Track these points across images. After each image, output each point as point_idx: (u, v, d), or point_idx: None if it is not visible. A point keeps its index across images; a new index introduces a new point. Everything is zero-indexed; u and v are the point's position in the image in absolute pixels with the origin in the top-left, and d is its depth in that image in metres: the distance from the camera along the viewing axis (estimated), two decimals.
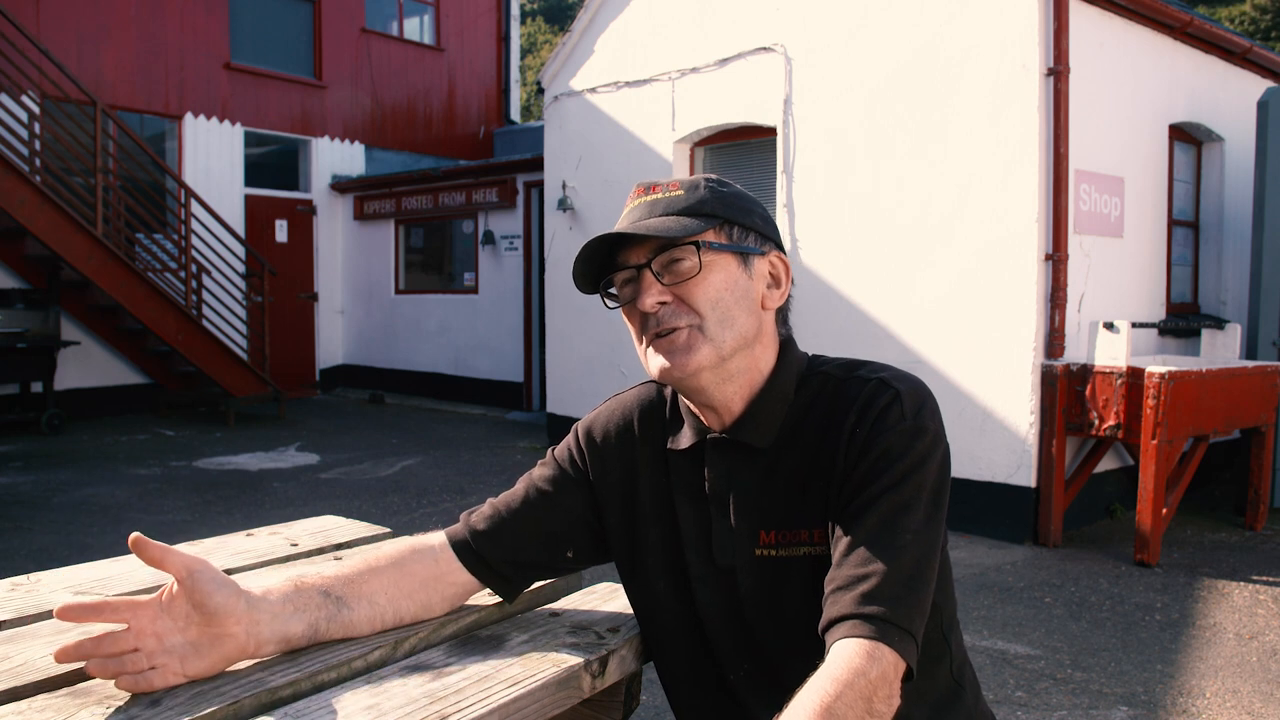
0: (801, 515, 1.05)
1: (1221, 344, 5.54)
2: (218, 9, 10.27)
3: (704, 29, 6.46)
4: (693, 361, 1.03)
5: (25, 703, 0.91)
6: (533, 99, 21.90)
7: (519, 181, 9.61)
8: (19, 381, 8.34)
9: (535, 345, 9.48)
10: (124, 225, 8.52)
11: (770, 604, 1.06)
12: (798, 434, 1.07)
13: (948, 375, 5.23)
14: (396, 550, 1.15)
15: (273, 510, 5.47)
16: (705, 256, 1.03)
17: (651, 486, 1.15)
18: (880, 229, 5.53)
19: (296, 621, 1.02)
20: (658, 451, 1.16)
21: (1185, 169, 6.37)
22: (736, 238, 1.06)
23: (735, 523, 1.07)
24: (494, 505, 1.19)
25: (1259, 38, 23.00)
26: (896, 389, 1.03)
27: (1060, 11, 4.90)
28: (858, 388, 1.05)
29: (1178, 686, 3.18)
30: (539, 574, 1.23)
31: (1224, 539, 5.07)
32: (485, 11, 13.09)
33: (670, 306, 1.04)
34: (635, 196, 1.09)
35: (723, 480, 1.09)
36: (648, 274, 1.05)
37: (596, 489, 1.19)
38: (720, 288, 1.04)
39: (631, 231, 1.03)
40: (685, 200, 1.05)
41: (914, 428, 1.01)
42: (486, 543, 1.16)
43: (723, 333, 1.03)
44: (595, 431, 1.20)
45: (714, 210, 1.05)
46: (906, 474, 0.99)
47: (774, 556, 1.06)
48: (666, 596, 1.14)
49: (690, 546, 1.11)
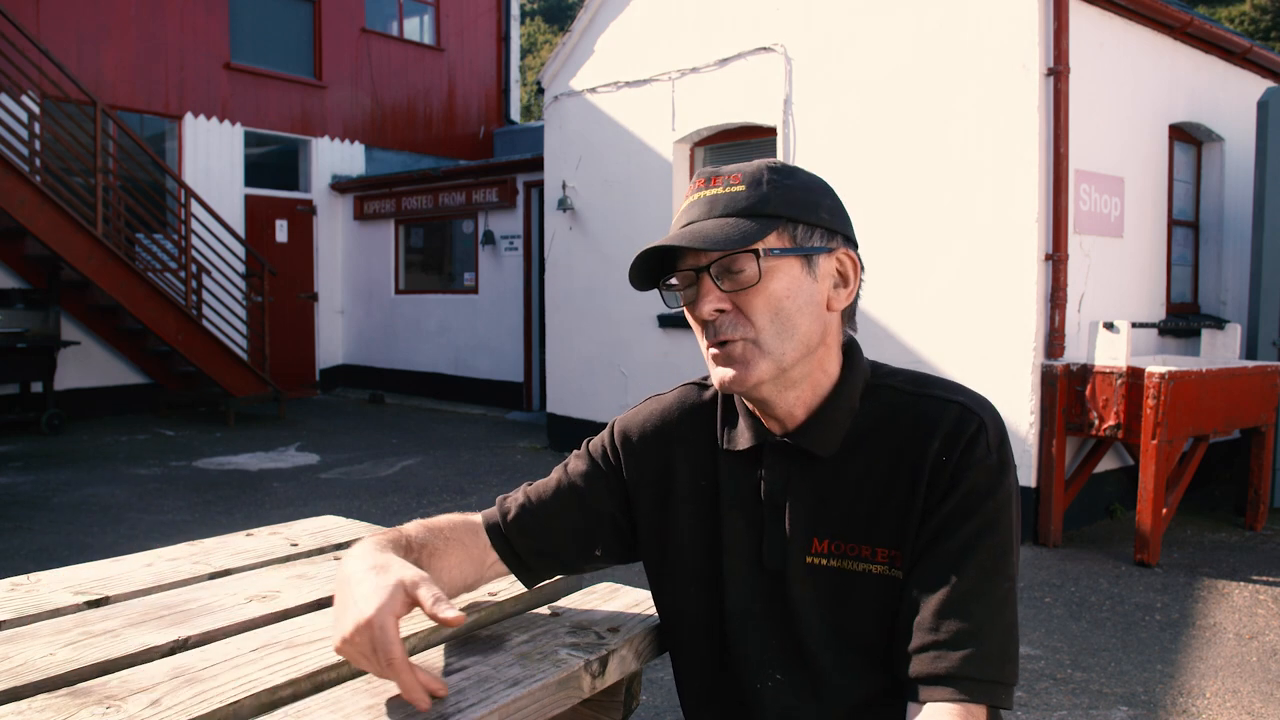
0: (864, 530, 1.02)
1: (1221, 344, 5.54)
2: (218, 9, 10.27)
3: (704, 29, 6.46)
4: (751, 376, 1.00)
5: (25, 703, 0.91)
6: (533, 99, 21.90)
7: (519, 181, 9.61)
8: (19, 381, 8.34)
9: (535, 345, 9.48)
10: (124, 225, 8.52)
11: (827, 614, 1.03)
12: (862, 445, 1.04)
13: (948, 375, 5.22)
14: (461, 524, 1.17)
15: (273, 510, 5.47)
16: (765, 263, 0.98)
17: (693, 489, 1.13)
18: (880, 229, 5.52)
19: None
20: (703, 452, 1.13)
21: (1185, 169, 6.37)
22: (801, 238, 1.01)
23: (790, 528, 1.05)
24: (527, 494, 1.20)
25: (1259, 38, 23.00)
26: (981, 418, 1.00)
27: (1060, 11, 4.90)
28: (938, 410, 1.01)
29: (1178, 686, 3.18)
30: (564, 568, 1.23)
31: (1224, 539, 5.07)
32: (485, 11, 13.09)
33: (729, 315, 1.00)
34: (695, 189, 1.03)
35: (780, 485, 1.06)
36: (706, 279, 1.00)
37: (630, 489, 1.17)
38: (781, 295, 0.99)
39: (684, 245, 0.98)
40: (746, 198, 0.99)
41: (999, 463, 0.98)
42: (515, 530, 1.17)
43: (782, 345, 1.00)
44: (632, 432, 1.18)
45: (777, 209, 0.99)
46: (998, 515, 0.97)
47: (827, 566, 1.03)
48: (696, 599, 1.12)
49: (734, 549, 1.08)
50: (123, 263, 8.03)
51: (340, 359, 11.68)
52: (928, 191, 5.31)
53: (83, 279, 7.97)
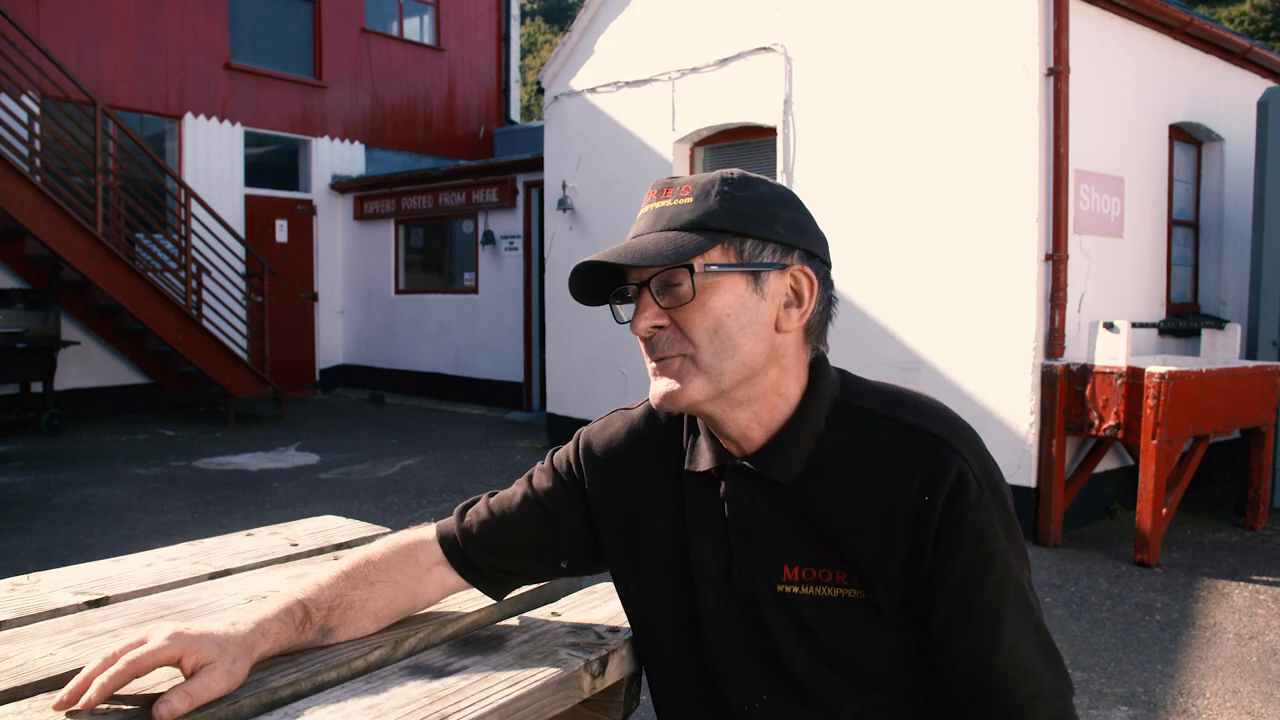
0: (834, 557, 0.99)
1: (1221, 344, 5.54)
2: (218, 9, 10.27)
3: (704, 29, 6.46)
4: (684, 395, 0.96)
5: (25, 703, 0.91)
6: (533, 99, 21.90)
7: (519, 181, 9.61)
8: (19, 381, 8.34)
9: (535, 345, 9.47)
10: (124, 225, 8.52)
11: (806, 641, 1.01)
12: (832, 470, 0.99)
13: (948, 375, 5.23)
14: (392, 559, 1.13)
15: (273, 510, 5.47)
16: (704, 280, 0.94)
17: (659, 508, 1.09)
18: (880, 229, 5.53)
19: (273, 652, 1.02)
20: (668, 471, 1.09)
21: (1185, 169, 6.37)
22: (749, 254, 0.96)
23: (756, 553, 1.02)
24: (489, 507, 1.16)
25: (1259, 38, 22.99)
26: (960, 454, 0.96)
27: (1060, 12, 4.90)
28: (913, 444, 0.97)
29: (1178, 686, 3.18)
30: (530, 580, 1.22)
31: (1224, 539, 5.07)
32: (485, 11, 13.09)
33: (667, 332, 0.97)
34: (649, 200, 1.01)
35: (744, 509, 1.02)
36: (646, 294, 0.97)
37: (593, 504, 1.14)
38: (721, 313, 0.95)
39: (613, 261, 0.95)
40: (691, 212, 0.96)
41: (993, 494, 0.96)
42: (476, 546, 1.14)
43: (720, 363, 0.95)
44: (596, 446, 1.15)
45: (722, 223, 0.95)
46: (1010, 551, 0.96)
47: (798, 594, 1.01)
48: (668, 618, 1.10)
49: (705, 573, 1.06)
50: (123, 263, 8.02)
51: (340, 359, 11.68)
52: (928, 191, 5.31)
53: (83, 279, 7.97)
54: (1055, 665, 0.97)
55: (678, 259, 0.92)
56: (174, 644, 0.91)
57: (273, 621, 1.01)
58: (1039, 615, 0.98)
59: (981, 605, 0.94)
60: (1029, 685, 0.94)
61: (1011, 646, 0.94)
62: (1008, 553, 0.96)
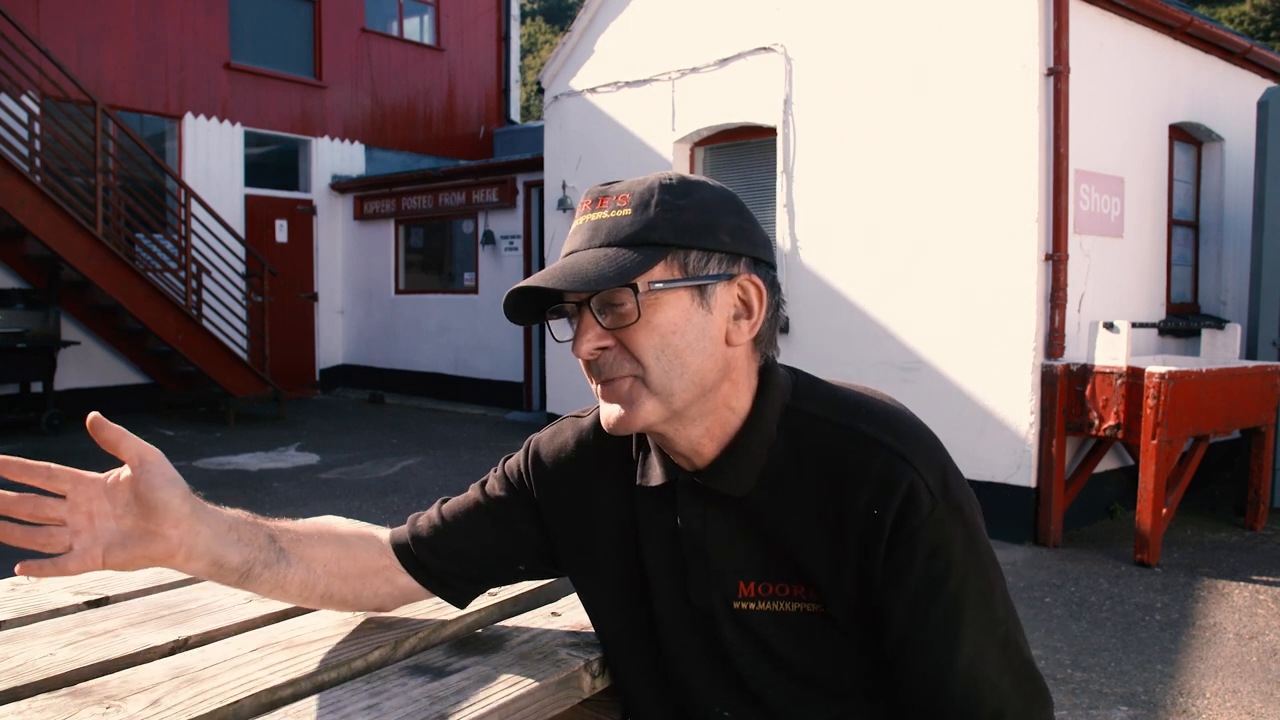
0: (789, 571, 0.96)
1: (1221, 344, 5.54)
2: (218, 9, 10.27)
3: (704, 29, 6.46)
4: (637, 418, 0.92)
5: (25, 703, 0.91)
6: (533, 99, 21.90)
7: (519, 181, 9.61)
8: (19, 381, 8.34)
9: (535, 345, 9.47)
10: (124, 225, 8.51)
11: (764, 657, 0.98)
12: (782, 482, 0.95)
13: (947, 375, 5.23)
14: (349, 531, 1.14)
15: (273, 510, 5.42)
16: (647, 299, 0.89)
17: (612, 522, 1.06)
18: (880, 228, 5.53)
19: (234, 551, 0.99)
20: (620, 485, 1.05)
21: (1185, 169, 6.37)
22: (693, 267, 0.91)
23: (712, 569, 0.99)
24: (441, 514, 1.13)
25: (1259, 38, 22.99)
26: (911, 465, 0.90)
27: (1060, 11, 4.90)
28: (863, 454, 0.92)
29: (1178, 686, 3.18)
30: (488, 585, 1.18)
31: (1224, 539, 5.07)
32: (485, 11, 13.09)
33: (612, 353, 0.92)
34: (584, 210, 0.94)
35: (697, 524, 0.99)
36: (587, 315, 0.91)
37: (544, 514, 1.11)
38: (667, 330, 0.90)
39: (546, 286, 0.88)
40: (631, 225, 0.90)
41: (948, 507, 0.91)
42: (427, 551, 1.11)
43: (670, 383, 0.91)
44: (545, 454, 1.11)
45: (663, 236, 0.89)
46: (969, 560, 0.91)
47: (754, 610, 0.98)
48: (627, 631, 1.07)
49: (661, 588, 1.02)
50: (123, 263, 8.02)
51: (340, 359, 11.67)
52: (927, 191, 5.31)
53: (83, 279, 7.97)
54: (1025, 682, 0.93)
55: (620, 280, 0.87)
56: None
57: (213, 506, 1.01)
58: (1007, 630, 0.93)
59: (936, 623, 0.90)
60: (991, 704, 0.90)
61: (969, 665, 0.90)
62: (965, 566, 0.91)
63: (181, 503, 0.94)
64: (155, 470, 0.93)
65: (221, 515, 1.00)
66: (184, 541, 0.95)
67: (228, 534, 0.99)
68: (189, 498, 0.95)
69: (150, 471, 0.93)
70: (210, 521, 0.97)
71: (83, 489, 0.93)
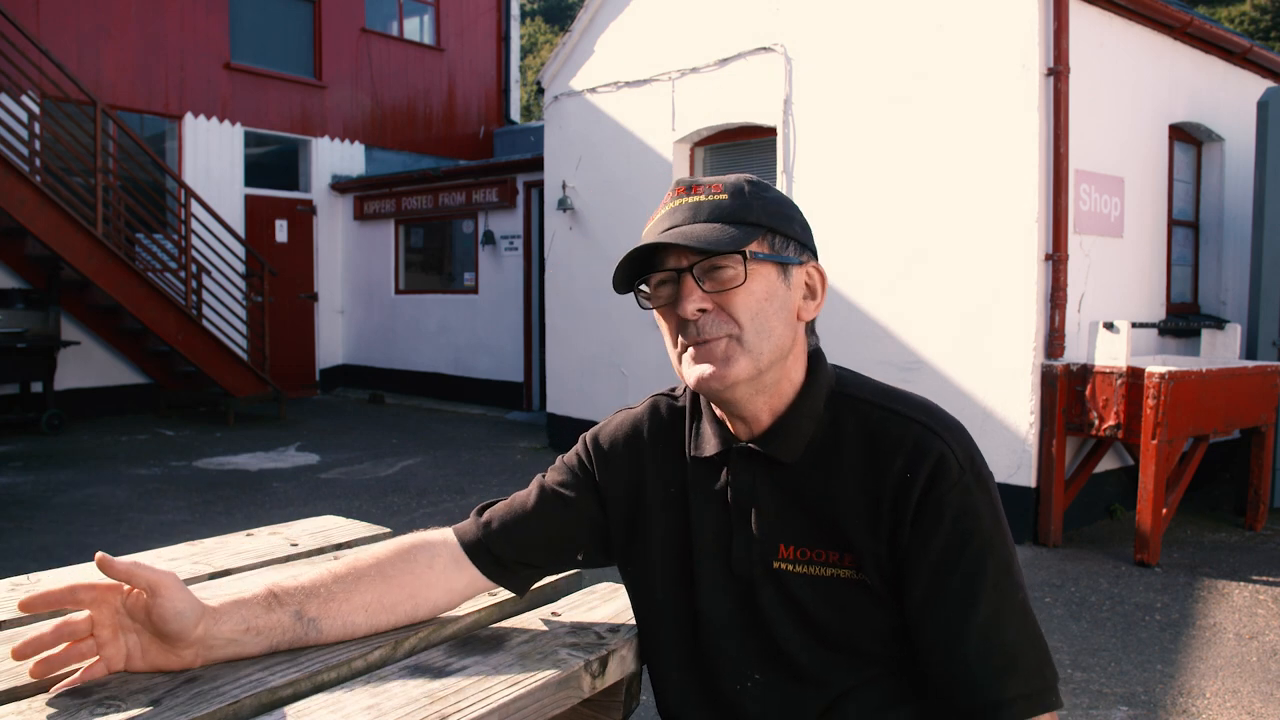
0: (828, 537, 1.04)
1: (1221, 344, 5.54)
2: (218, 9, 10.27)
3: (704, 29, 6.46)
4: (731, 373, 1.02)
5: (25, 703, 0.91)
6: (533, 99, 21.90)
7: (519, 181, 9.61)
8: (19, 381, 8.34)
9: (535, 345, 9.48)
10: (124, 225, 8.52)
11: (798, 618, 1.06)
12: (827, 454, 1.05)
13: (948, 375, 5.23)
14: (389, 555, 1.13)
15: (273, 510, 5.47)
16: (750, 266, 1.02)
17: (662, 494, 1.15)
18: (880, 228, 5.53)
19: (253, 645, 1.02)
20: (672, 460, 1.15)
21: (1185, 169, 6.37)
22: (778, 247, 1.05)
23: (756, 533, 1.07)
24: (508, 504, 1.20)
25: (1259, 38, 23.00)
26: (944, 438, 1.01)
27: (1060, 11, 4.90)
28: (901, 427, 1.03)
29: (1178, 686, 3.18)
30: (548, 574, 1.25)
31: (1224, 539, 5.07)
32: (485, 11, 13.09)
33: (710, 315, 1.02)
34: (675, 196, 1.07)
35: (746, 490, 1.08)
36: (689, 279, 1.02)
37: (604, 492, 1.19)
38: (761, 298, 1.03)
39: (682, 243, 1.00)
40: (730, 206, 1.03)
41: (975, 478, 1.00)
42: (496, 539, 1.17)
43: (760, 344, 1.02)
44: (603, 440, 1.21)
45: (759, 219, 1.03)
46: (992, 532, 0.99)
47: (792, 572, 1.05)
48: (672, 604, 1.14)
49: (705, 554, 1.11)
50: (123, 263, 8.02)
51: (340, 359, 11.68)
52: (927, 191, 5.31)
53: (83, 279, 7.97)
54: (1039, 650, 0.98)
55: (734, 246, 1.00)
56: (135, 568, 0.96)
57: (232, 600, 1.02)
58: (1025, 598, 0.99)
59: (959, 581, 0.97)
60: (1004, 657, 0.96)
61: (986, 622, 0.96)
62: (989, 532, 0.99)
63: (193, 628, 0.97)
64: (166, 604, 0.96)
65: (239, 617, 1.01)
66: (199, 655, 0.99)
67: (244, 635, 1.01)
68: (202, 618, 0.98)
69: (162, 605, 0.96)
70: (226, 630, 1.00)
71: (105, 604, 0.96)
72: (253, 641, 1.01)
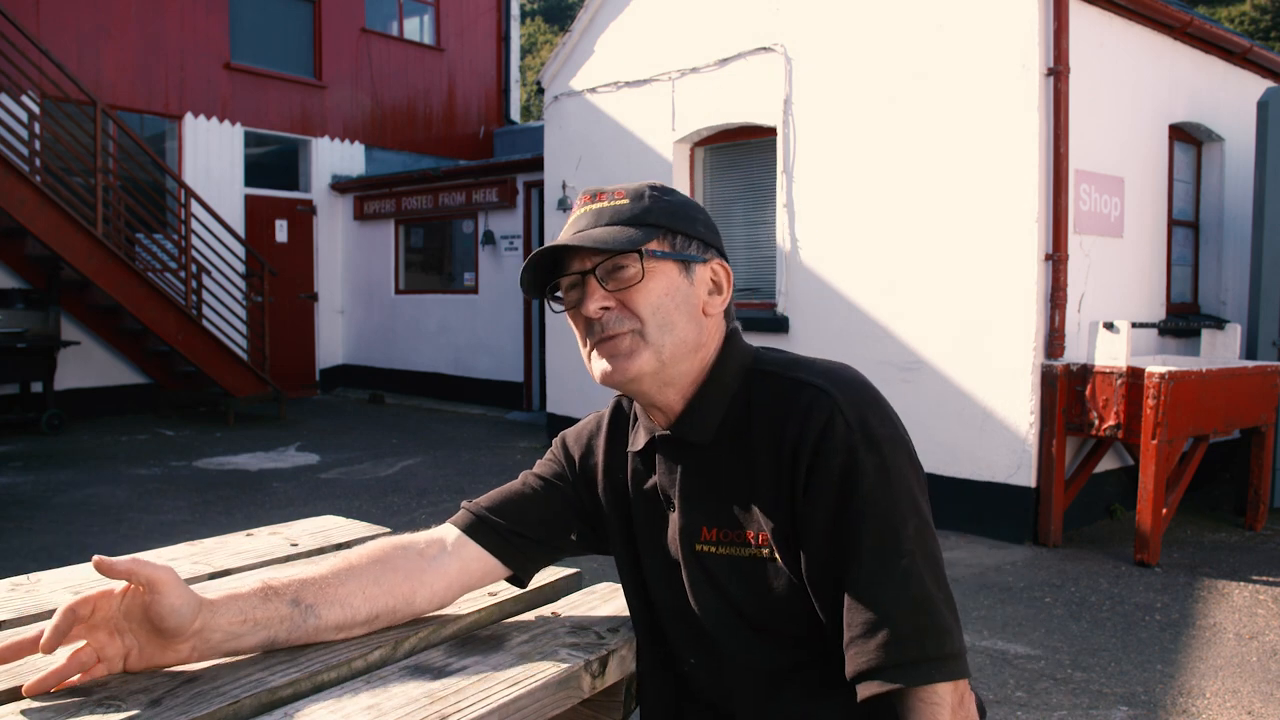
0: (744, 516, 1.06)
1: (1221, 344, 5.54)
2: (218, 9, 10.27)
3: (704, 29, 6.46)
4: (633, 367, 1.05)
5: (26, 702, 0.91)
6: (533, 99, 21.89)
7: (519, 181, 9.61)
8: (19, 381, 8.34)
9: (535, 345, 9.47)
10: (124, 225, 8.51)
11: (717, 600, 1.08)
12: (740, 432, 1.07)
13: (947, 375, 5.23)
14: (383, 546, 1.15)
15: (273, 510, 5.47)
16: (647, 264, 1.05)
17: (613, 488, 1.20)
18: (880, 228, 5.52)
19: (251, 638, 1.03)
20: (618, 456, 1.21)
21: (1185, 169, 6.37)
22: (679, 246, 1.09)
23: (680, 518, 1.10)
24: (494, 491, 1.25)
25: (1259, 38, 22.99)
26: (834, 397, 1.00)
27: (1060, 11, 4.90)
28: (795, 391, 1.04)
29: (1178, 686, 3.18)
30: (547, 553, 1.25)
31: (1224, 539, 5.07)
32: (485, 11, 13.09)
33: (613, 312, 1.06)
34: (582, 204, 1.12)
35: (669, 477, 1.12)
36: (592, 280, 1.06)
37: (578, 489, 1.24)
38: (661, 294, 1.06)
39: (577, 244, 1.05)
40: (630, 210, 1.08)
41: (864, 439, 0.98)
42: (491, 514, 1.20)
43: (662, 338, 1.05)
44: (569, 439, 1.28)
45: (657, 220, 1.08)
46: (876, 492, 0.97)
47: (714, 554, 1.08)
48: (634, 595, 1.20)
49: (644, 543, 1.16)
50: (123, 263, 8.02)
51: (340, 359, 11.68)
52: (927, 191, 5.31)
53: (83, 279, 7.97)
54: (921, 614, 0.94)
55: (630, 245, 1.04)
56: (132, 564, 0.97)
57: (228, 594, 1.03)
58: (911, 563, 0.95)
59: (839, 541, 0.97)
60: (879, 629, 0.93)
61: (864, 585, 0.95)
62: (875, 495, 0.97)
63: (190, 622, 0.98)
64: (164, 600, 0.96)
65: (235, 608, 1.02)
66: (196, 649, 1.00)
67: (241, 626, 1.02)
68: (199, 612, 0.99)
69: (160, 601, 0.96)
70: (223, 624, 1.01)
71: (101, 609, 0.97)
72: (250, 633, 1.02)
